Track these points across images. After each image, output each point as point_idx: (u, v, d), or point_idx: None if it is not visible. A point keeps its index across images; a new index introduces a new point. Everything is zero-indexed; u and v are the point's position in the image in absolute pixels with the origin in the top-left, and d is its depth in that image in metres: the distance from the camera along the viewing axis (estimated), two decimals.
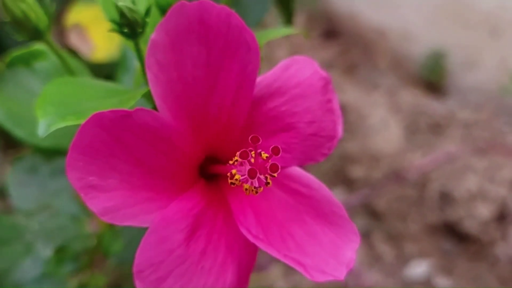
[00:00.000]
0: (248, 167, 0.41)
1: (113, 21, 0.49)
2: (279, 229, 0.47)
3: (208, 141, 0.47)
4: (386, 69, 2.36)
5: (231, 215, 0.46)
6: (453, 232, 1.77)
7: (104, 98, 0.49)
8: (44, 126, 0.43)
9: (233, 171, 0.42)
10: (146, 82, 0.52)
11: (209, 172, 0.48)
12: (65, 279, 0.74)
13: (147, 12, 0.49)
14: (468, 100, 2.26)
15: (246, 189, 0.43)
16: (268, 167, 0.41)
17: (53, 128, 0.43)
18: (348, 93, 2.21)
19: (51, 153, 0.69)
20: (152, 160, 0.42)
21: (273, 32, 0.61)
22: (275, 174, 0.42)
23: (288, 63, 0.49)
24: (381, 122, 2.08)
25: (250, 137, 0.42)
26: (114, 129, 0.40)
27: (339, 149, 1.91)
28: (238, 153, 0.42)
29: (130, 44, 0.51)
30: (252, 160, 0.41)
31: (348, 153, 1.94)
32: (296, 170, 0.49)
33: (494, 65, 2.28)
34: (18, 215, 0.73)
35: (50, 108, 0.45)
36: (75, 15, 1.04)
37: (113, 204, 0.41)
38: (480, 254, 1.72)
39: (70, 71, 0.59)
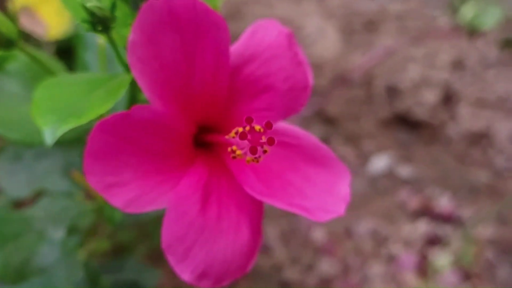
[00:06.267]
0: (248, 145, 0.46)
1: (85, 21, 0.52)
2: (278, 180, 0.52)
3: (198, 115, 0.51)
4: None
5: (233, 177, 0.51)
6: (405, 122, 1.86)
7: (90, 91, 0.52)
8: (51, 134, 0.47)
9: (234, 147, 0.47)
10: (119, 62, 0.55)
11: (205, 140, 0.53)
12: (74, 251, 0.78)
13: (113, 6, 0.52)
14: None
15: (248, 161, 0.47)
16: (265, 141, 0.46)
17: (60, 134, 0.47)
18: (278, 7, 2.23)
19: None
20: (155, 146, 0.46)
21: None
22: (271, 146, 0.47)
23: (254, 30, 0.53)
24: (317, 30, 2.12)
25: (245, 118, 0.46)
26: (117, 130, 0.44)
27: None
28: (236, 134, 0.47)
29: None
30: (250, 138, 0.46)
31: None
32: (281, 124, 0.54)
33: None
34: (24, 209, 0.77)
35: (50, 116, 0.48)
36: None
37: (133, 195, 0.45)
38: (434, 138, 1.82)
39: (46, 70, 0.62)
